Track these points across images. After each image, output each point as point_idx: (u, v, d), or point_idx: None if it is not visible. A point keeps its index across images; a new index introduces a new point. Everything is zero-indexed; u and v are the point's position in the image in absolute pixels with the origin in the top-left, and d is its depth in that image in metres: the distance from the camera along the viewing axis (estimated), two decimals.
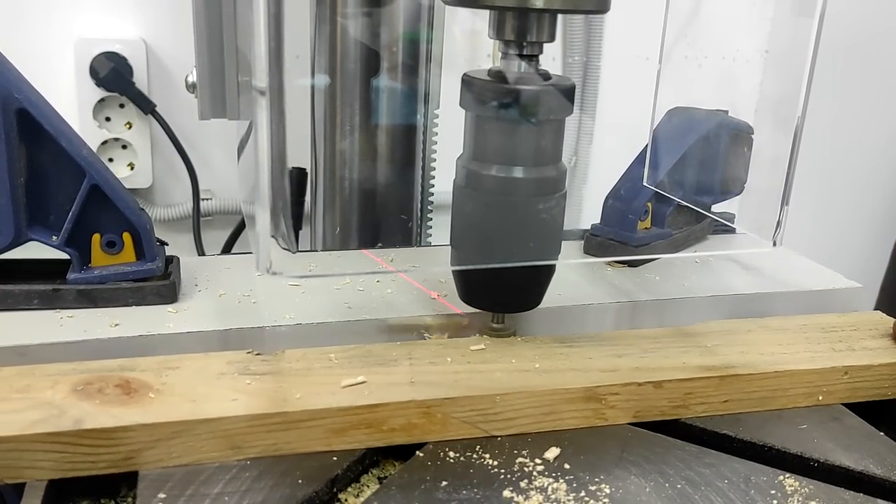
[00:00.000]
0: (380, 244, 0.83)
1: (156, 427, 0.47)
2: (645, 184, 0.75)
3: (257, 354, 0.56)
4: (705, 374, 0.57)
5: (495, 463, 0.50)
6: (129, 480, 0.48)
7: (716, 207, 0.79)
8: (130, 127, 0.99)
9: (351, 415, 0.50)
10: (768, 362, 0.59)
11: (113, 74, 0.94)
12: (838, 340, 0.64)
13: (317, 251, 0.85)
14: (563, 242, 0.59)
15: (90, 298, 0.62)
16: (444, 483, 0.48)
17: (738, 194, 0.79)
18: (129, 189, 0.64)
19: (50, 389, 0.50)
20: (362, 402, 0.51)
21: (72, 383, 0.50)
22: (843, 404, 0.60)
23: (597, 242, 0.77)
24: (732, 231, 0.86)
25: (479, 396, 0.52)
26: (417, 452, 0.51)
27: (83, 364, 0.53)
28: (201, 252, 1.03)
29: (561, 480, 0.48)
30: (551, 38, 0.55)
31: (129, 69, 0.96)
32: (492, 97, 0.54)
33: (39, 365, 0.52)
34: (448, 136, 0.81)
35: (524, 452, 0.51)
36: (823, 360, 0.61)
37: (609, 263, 0.77)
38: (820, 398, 0.60)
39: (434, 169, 0.86)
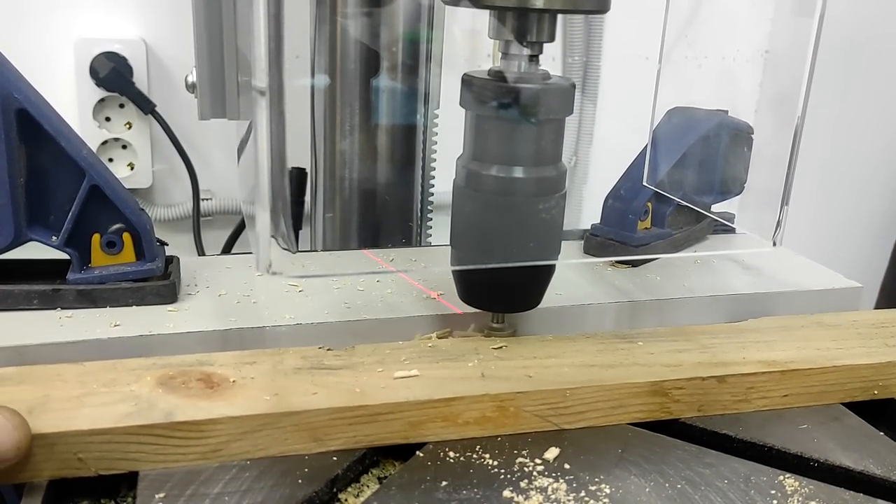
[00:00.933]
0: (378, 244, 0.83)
1: (243, 420, 0.48)
2: (645, 184, 0.75)
3: (329, 350, 0.57)
4: (767, 369, 0.58)
5: (495, 463, 0.50)
6: (129, 480, 0.48)
7: (716, 207, 0.79)
8: (130, 127, 0.99)
9: (428, 408, 0.51)
10: (826, 357, 0.60)
11: (113, 74, 0.94)
12: (890, 336, 0.65)
13: (317, 251, 0.85)
14: (563, 242, 0.59)
15: (90, 298, 0.62)
16: (444, 483, 0.48)
17: (737, 194, 0.79)
18: (129, 189, 0.64)
19: (135, 383, 0.51)
20: (439, 396, 0.52)
21: (156, 377, 0.51)
22: (843, 404, 0.60)
23: (597, 242, 0.77)
24: (732, 231, 0.86)
25: (550, 390, 0.53)
26: (417, 452, 0.51)
27: (162, 359, 0.54)
28: (201, 252, 1.03)
29: (561, 480, 0.48)
30: (551, 38, 0.55)
31: (129, 69, 0.96)
32: (492, 97, 0.54)
33: (120, 360, 0.53)
34: (448, 136, 0.81)
35: (524, 452, 0.51)
36: (879, 355, 0.61)
37: (611, 263, 0.77)
38: (875, 392, 0.61)
39: (434, 169, 0.86)
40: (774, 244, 0.61)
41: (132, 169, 1.01)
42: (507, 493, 0.47)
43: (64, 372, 0.52)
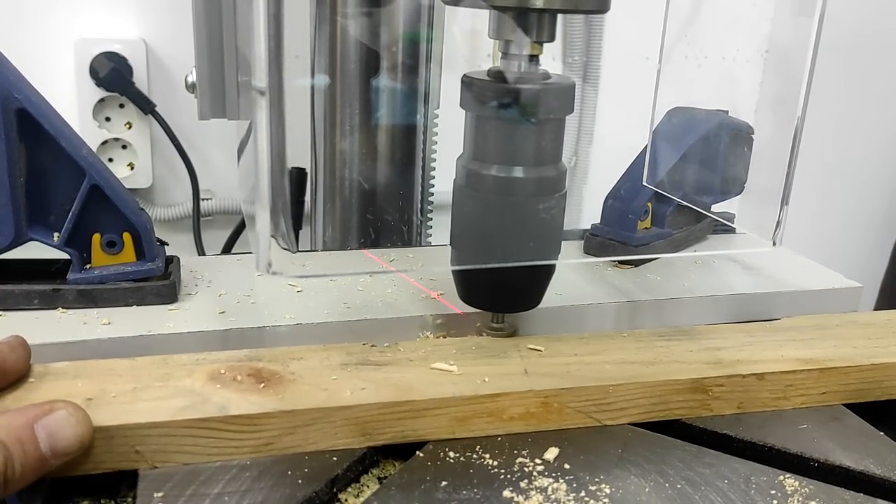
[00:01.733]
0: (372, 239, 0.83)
1: (295, 414, 0.49)
2: (645, 184, 0.75)
3: (373, 346, 0.58)
4: (805, 367, 0.59)
5: (495, 463, 0.50)
6: (129, 480, 0.48)
7: (716, 207, 0.79)
8: (130, 127, 0.99)
9: (475, 404, 0.52)
10: (863, 355, 0.61)
11: (113, 74, 0.94)
12: None
13: (317, 251, 0.85)
14: (563, 242, 0.59)
15: (90, 298, 0.62)
16: (444, 483, 0.48)
17: (737, 194, 0.79)
18: (129, 189, 0.64)
19: (188, 378, 0.51)
20: (485, 392, 0.52)
21: (207, 372, 0.52)
22: (844, 404, 0.60)
23: (597, 242, 0.77)
24: (732, 231, 0.86)
25: (593, 387, 0.54)
26: (417, 452, 0.51)
27: (211, 354, 0.55)
28: (201, 252, 1.03)
29: (561, 480, 0.48)
30: (551, 38, 0.55)
31: (129, 69, 0.96)
32: (492, 97, 0.54)
33: (170, 355, 0.54)
34: (448, 136, 0.81)
35: (524, 452, 0.51)
36: None
37: (614, 264, 0.77)
38: None
39: (434, 169, 0.86)
40: (774, 244, 0.61)
41: (132, 169, 1.01)
42: (507, 493, 0.47)
43: (117, 367, 0.52)
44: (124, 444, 0.47)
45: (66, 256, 0.62)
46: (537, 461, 0.50)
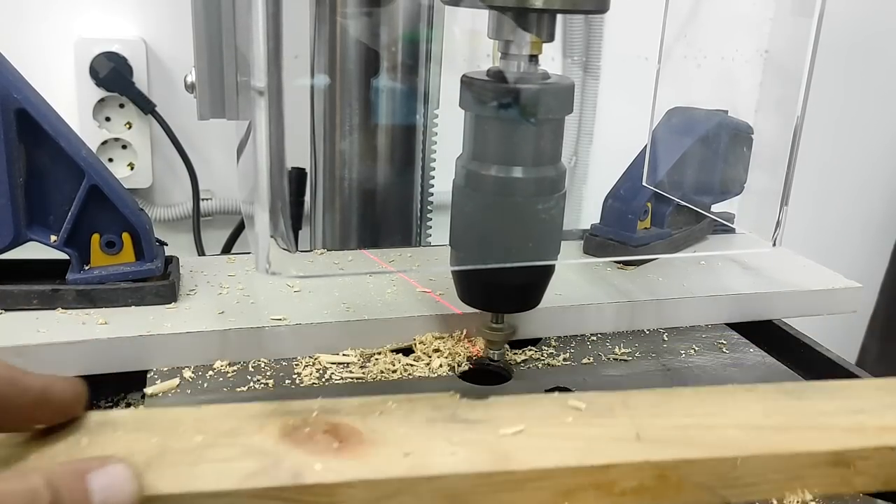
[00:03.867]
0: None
1: (378, 484, 0.43)
2: (644, 184, 0.75)
3: (462, 397, 0.50)
4: None
5: None
6: None
7: (715, 207, 0.79)
8: (130, 127, 0.99)
9: (581, 476, 0.45)
10: None
11: (113, 74, 0.94)
12: None
13: (316, 251, 0.85)
14: (563, 242, 0.59)
15: (89, 299, 0.62)
16: None
17: (737, 194, 0.79)
18: (129, 189, 0.64)
19: (258, 434, 0.45)
20: (593, 462, 0.45)
21: (279, 427, 0.45)
22: None
23: (596, 242, 0.77)
24: (732, 231, 0.86)
25: (718, 459, 0.46)
26: None
27: (284, 405, 0.47)
28: (201, 252, 1.03)
29: None
30: (550, 38, 0.55)
31: (129, 69, 0.96)
32: (491, 97, 0.54)
33: (239, 405, 0.47)
34: (448, 136, 0.81)
35: None
36: None
37: (617, 265, 0.77)
38: None
39: (434, 169, 0.86)
40: (774, 244, 0.61)
41: (132, 169, 1.01)
42: None
43: (181, 417, 0.46)
44: None
45: (65, 257, 0.62)
46: None
